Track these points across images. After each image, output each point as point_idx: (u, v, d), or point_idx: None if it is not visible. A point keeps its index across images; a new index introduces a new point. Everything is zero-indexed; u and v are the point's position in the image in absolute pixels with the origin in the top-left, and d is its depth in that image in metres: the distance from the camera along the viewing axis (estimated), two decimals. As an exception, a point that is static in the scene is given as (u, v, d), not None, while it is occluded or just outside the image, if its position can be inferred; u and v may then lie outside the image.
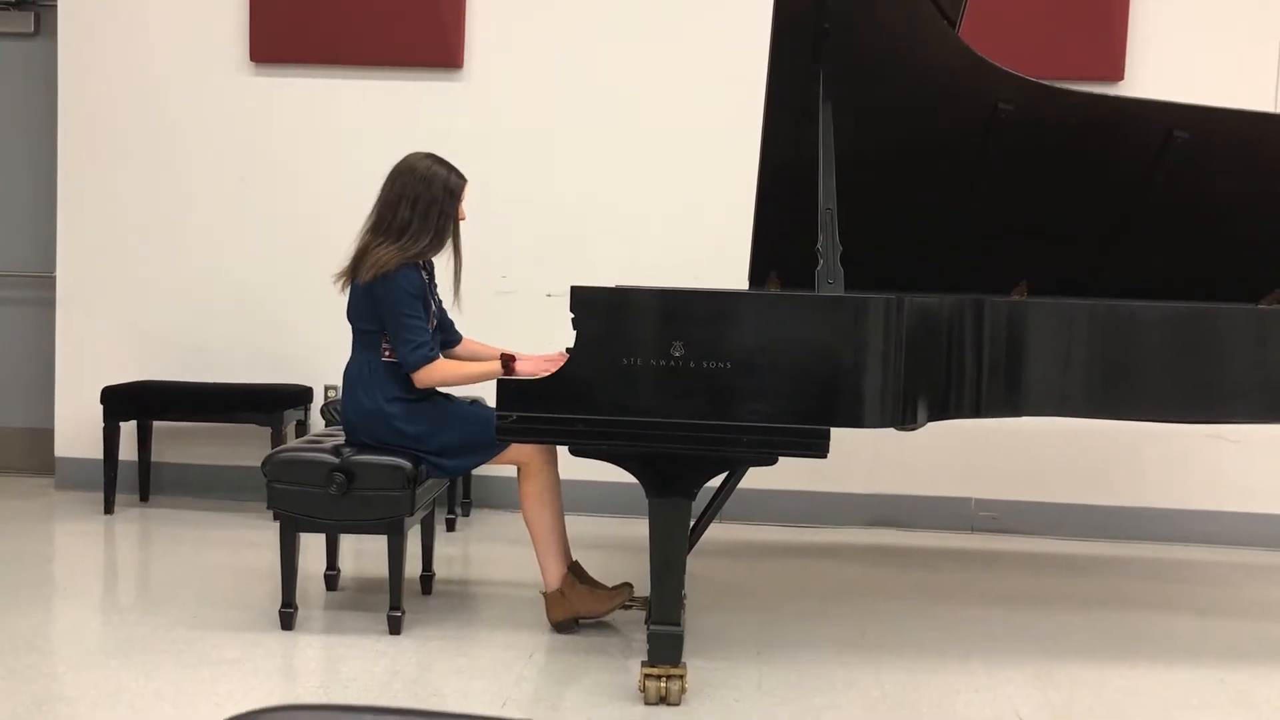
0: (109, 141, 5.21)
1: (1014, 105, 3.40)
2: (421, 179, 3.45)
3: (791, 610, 3.78)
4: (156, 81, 5.19)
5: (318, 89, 5.13)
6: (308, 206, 5.10)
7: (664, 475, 2.89)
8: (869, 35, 3.21)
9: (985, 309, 3.06)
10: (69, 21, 5.21)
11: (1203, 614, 3.89)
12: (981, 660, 3.33)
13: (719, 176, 4.79)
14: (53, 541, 4.56)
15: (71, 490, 5.22)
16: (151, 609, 3.63)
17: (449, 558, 4.33)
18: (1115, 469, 4.92)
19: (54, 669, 3.10)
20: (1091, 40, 4.81)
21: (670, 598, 2.92)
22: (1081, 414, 3.19)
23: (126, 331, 5.22)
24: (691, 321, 2.81)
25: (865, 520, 5.02)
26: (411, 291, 3.39)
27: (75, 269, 5.25)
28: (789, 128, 3.35)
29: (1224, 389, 3.18)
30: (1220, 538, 4.86)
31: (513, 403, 2.87)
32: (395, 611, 3.41)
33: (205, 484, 5.18)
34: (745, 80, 4.01)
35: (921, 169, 3.54)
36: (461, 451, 3.45)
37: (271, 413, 4.79)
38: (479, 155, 4.56)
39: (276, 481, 3.40)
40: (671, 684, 2.90)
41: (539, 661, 3.24)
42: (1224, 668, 3.33)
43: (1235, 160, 3.52)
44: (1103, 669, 3.29)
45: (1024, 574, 4.36)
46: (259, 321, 5.17)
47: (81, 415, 5.15)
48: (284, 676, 3.09)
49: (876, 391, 2.84)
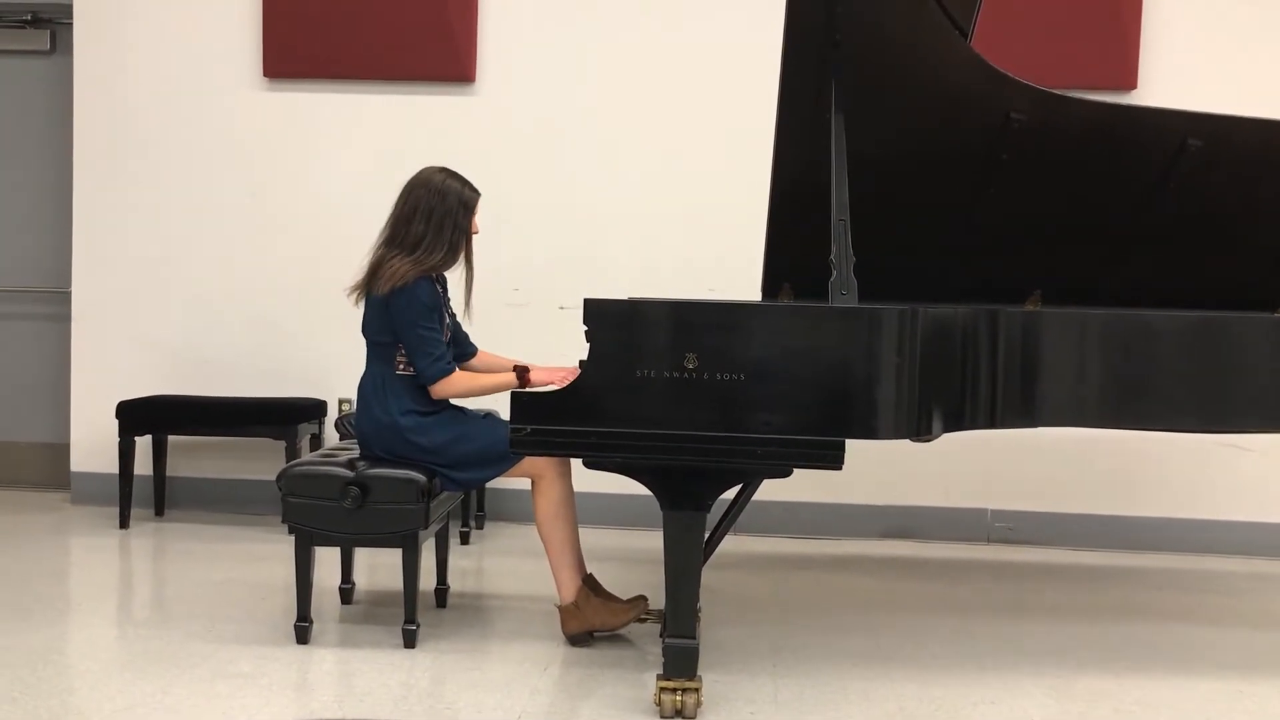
0: (124, 157, 5.24)
1: (1026, 115, 3.40)
2: (436, 193, 3.46)
3: (807, 622, 3.77)
4: (171, 97, 5.22)
5: (331, 103, 5.16)
6: (322, 220, 5.12)
7: (678, 487, 2.88)
8: (881, 45, 3.21)
9: (1000, 319, 3.05)
10: (84, 39, 5.25)
11: (1220, 624, 3.87)
12: (997, 672, 3.31)
13: (731, 188, 4.80)
14: (68, 556, 4.58)
15: (87, 505, 5.24)
16: (166, 623, 3.63)
17: (463, 571, 4.32)
18: (1131, 479, 4.90)
19: (69, 683, 3.11)
20: (1104, 49, 4.80)
21: (685, 610, 2.91)
22: (1097, 424, 3.18)
23: (141, 346, 5.24)
24: (705, 333, 2.81)
25: (880, 532, 5.00)
26: (428, 304, 3.40)
27: (90, 284, 5.28)
28: (801, 139, 3.35)
29: (1240, 398, 3.16)
30: (1238, 548, 4.83)
31: (527, 415, 2.87)
32: (410, 625, 3.41)
33: (220, 498, 5.20)
34: (757, 92, 4.01)
35: (934, 179, 3.53)
36: (476, 464, 3.45)
37: (286, 426, 4.81)
38: (491, 168, 4.57)
39: (291, 495, 3.41)
40: (687, 697, 2.89)
41: (554, 675, 3.23)
42: (1242, 679, 3.31)
43: (1250, 168, 3.51)
44: (1120, 680, 3.27)
45: (1040, 585, 4.34)
46: (273, 335, 5.18)
47: (97, 430, 5.18)
48: (298, 690, 3.09)
49: (891, 402, 2.83)
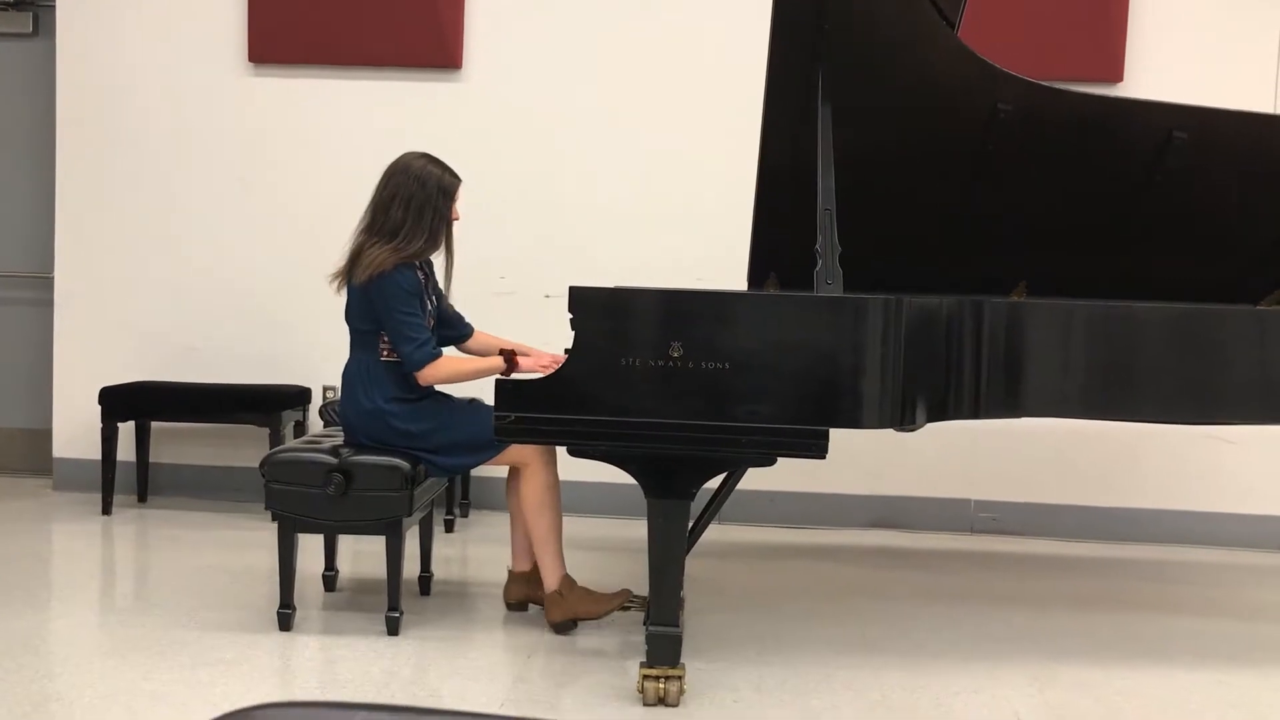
0: (107, 142, 5.21)
1: (1013, 106, 3.39)
2: (415, 179, 3.44)
3: (790, 611, 3.78)
4: (155, 82, 5.18)
5: (316, 89, 5.12)
6: (306, 207, 5.10)
7: (663, 476, 2.88)
8: (868, 36, 3.20)
9: (985, 309, 3.05)
10: (67, 22, 5.21)
11: (1202, 615, 3.89)
12: (981, 661, 3.33)
13: (718, 177, 4.79)
14: (50, 542, 4.56)
15: (69, 491, 5.22)
16: (149, 610, 3.62)
17: (447, 558, 4.32)
18: (1114, 470, 4.92)
19: (50, 669, 3.09)
20: (1091, 41, 4.81)
21: (669, 599, 2.92)
22: (1081, 415, 3.19)
23: (125, 332, 5.21)
24: (690, 322, 2.81)
25: (865, 521, 5.01)
26: (408, 290, 3.39)
27: (73, 269, 5.25)
28: (787, 129, 3.34)
29: (1224, 390, 3.17)
30: (1219, 539, 4.86)
31: (511, 403, 2.86)
32: (393, 612, 3.41)
33: (203, 485, 5.18)
34: (744, 81, 4.01)
35: (920, 170, 3.54)
36: (460, 450, 3.45)
37: (270, 413, 4.79)
38: (478, 155, 4.55)
39: (274, 482, 3.39)
40: (670, 685, 2.89)
41: (537, 663, 3.24)
42: (1223, 669, 3.33)
43: (1235, 161, 3.52)
44: (1102, 670, 3.29)
45: (1023, 575, 4.36)
46: (257, 322, 5.16)
47: (79, 416, 5.15)
48: (281, 677, 3.08)
49: (875, 392, 2.83)
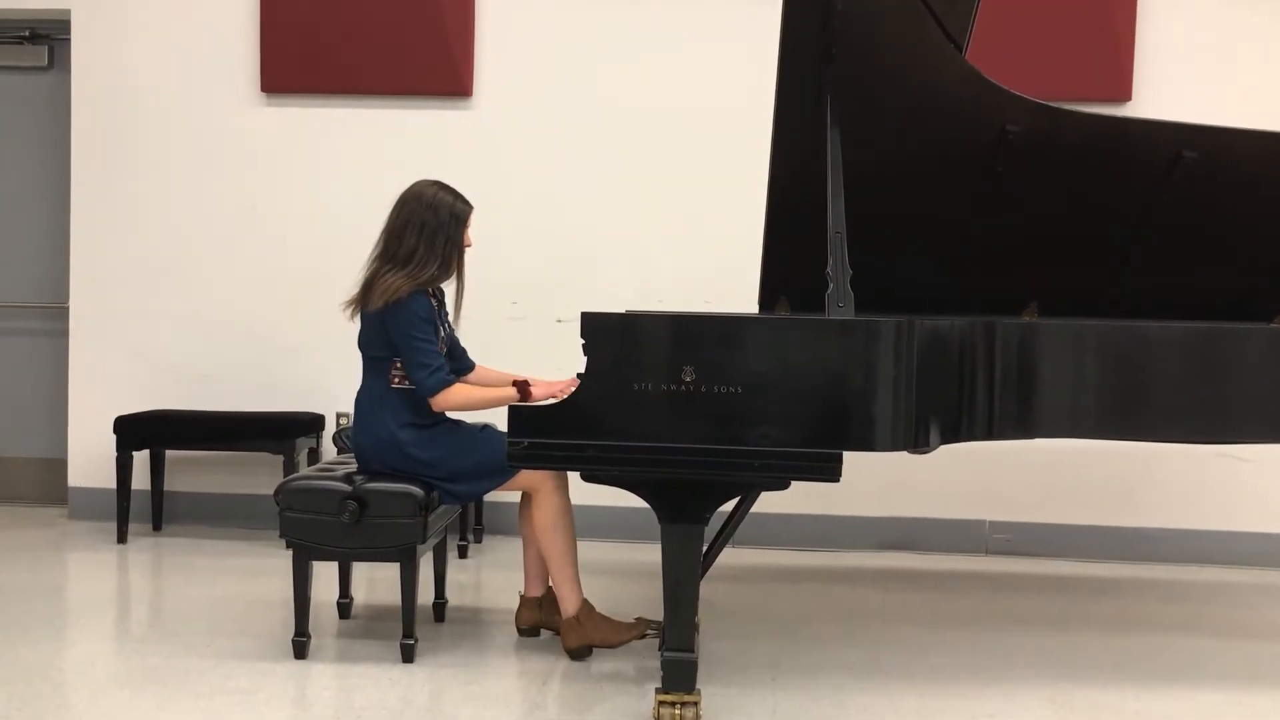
0: (121, 173, 5.25)
1: (1021, 127, 3.41)
2: (428, 206, 3.46)
3: (805, 635, 3.76)
4: (168, 113, 5.23)
5: (328, 118, 5.16)
6: (319, 235, 5.13)
7: (676, 501, 2.88)
8: (876, 59, 3.22)
9: (996, 330, 3.05)
10: (82, 55, 5.26)
11: (1220, 635, 3.86)
12: (997, 684, 3.31)
13: (728, 201, 4.81)
14: (66, 571, 4.57)
15: (85, 520, 5.24)
16: (164, 638, 3.62)
17: (461, 585, 4.31)
18: (1129, 490, 4.90)
19: (66, 699, 3.10)
20: (1098, 62, 4.82)
21: (684, 624, 2.91)
22: (1094, 435, 3.17)
23: (139, 361, 5.24)
24: (702, 346, 2.81)
25: (878, 544, 5.00)
26: (423, 316, 3.40)
27: (88, 299, 5.28)
28: (797, 152, 3.36)
29: (1237, 408, 3.16)
30: (1237, 558, 4.83)
31: (524, 429, 2.86)
32: (408, 639, 3.40)
33: (218, 513, 5.19)
34: (753, 104, 4.02)
35: (930, 192, 3.54)
36: (473, 477, 3.45)
37: (283, 441, 4.80)
38: (489, 182, 4.58)
39: (289, 510, 3.40)
40: (686, 711, 2.88)
41: (553, 689, 3.23)
42: (1243, 690, 3.30)
43: (1245, 179, 3.52)
44: (1120, 692, 3.27)
45: (1039, 596, 4.33)
46: (271, 350, 5.18)
47: (94, 445, 5.17)
48: (296, 706, 3.08)
49: (888, 414, 2.83)
